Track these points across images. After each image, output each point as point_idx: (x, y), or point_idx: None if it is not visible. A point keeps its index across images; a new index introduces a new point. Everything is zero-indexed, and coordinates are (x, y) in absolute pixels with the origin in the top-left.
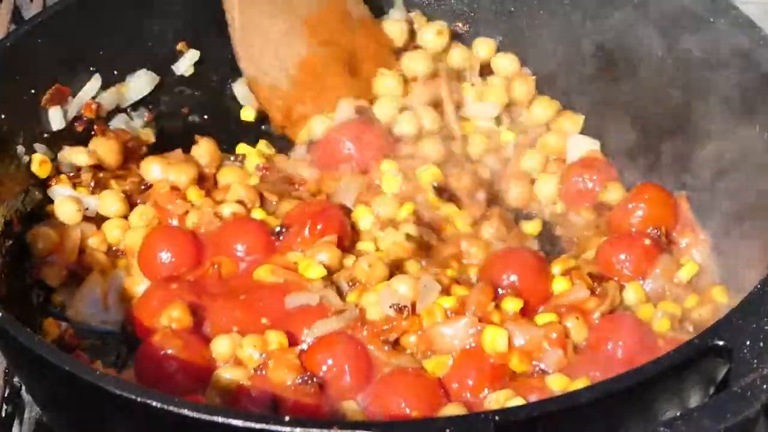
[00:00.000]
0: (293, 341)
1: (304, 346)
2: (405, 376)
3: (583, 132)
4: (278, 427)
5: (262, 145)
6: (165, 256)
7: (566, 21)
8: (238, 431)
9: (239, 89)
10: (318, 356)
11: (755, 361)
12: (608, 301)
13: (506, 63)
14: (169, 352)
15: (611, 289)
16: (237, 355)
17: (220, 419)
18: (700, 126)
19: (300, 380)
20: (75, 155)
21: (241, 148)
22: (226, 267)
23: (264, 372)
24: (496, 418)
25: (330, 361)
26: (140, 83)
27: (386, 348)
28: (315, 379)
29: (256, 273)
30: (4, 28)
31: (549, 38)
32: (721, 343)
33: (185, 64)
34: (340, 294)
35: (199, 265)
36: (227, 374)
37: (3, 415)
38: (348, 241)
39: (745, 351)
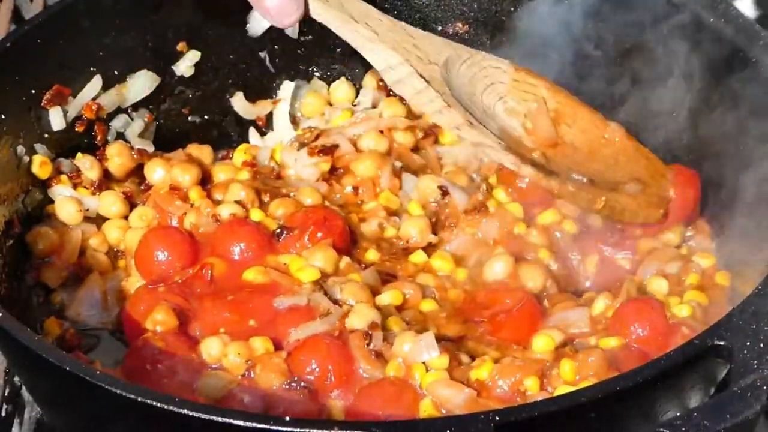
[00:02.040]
0: (281, 344)
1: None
2: (385, 387)
3: None
4: (280, 427)
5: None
6: (161, 257)
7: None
8: (239, 431)
9: (238, 103)
10: (301, 358)
11: (755, 361)
12: (623, 294)
13: None
14: (154, 355)
15: (626, 283)
16: (222, 362)
17: (221, 419)
18: None
19: (287, 386)
20: (88, 171)
21: (243, 148)
22: (218, 269)
23: (252, 375)
24: (497, 418)
25: (313, 363)
26: (141, 84)
27: (371, 357)
28: (302, 384)
29: (245, 274)
30: (4, 28)
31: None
32: (721, 343)
33: (186, 64)
34: (333, 300)
35: (195, 266)
36: (215, 378)
37: (3, 414)
38: (346, 248)
39: (746, 351)
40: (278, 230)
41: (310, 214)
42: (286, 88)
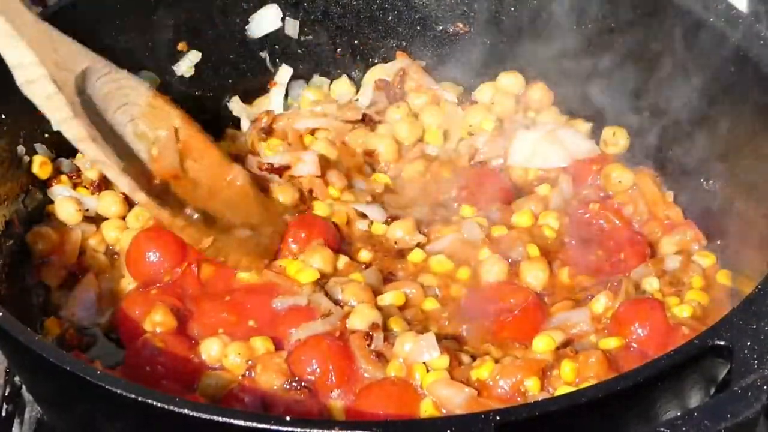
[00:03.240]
0: (281, 344)
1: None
2: (386, 386)
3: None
4: (280, 427)
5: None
6: (152, 258)
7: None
8: (239, 431)
9: (235, 107)
10: (302, 357)
11: (756, 361)
12: (621, 294)
13: (512, 81)
14: (154, 356)
15: (624, 282)
16: (222, 362)
17: (221, 419)
18: None
19: (287, 385)
20: (88, 171)
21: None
22: (206, 271)
23: (252, 375)
24: (497, 418)
25: (314, 363)
26: None
27: (372, 357)
28: (303, 384)
29: (240, 274)
30: None
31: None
32: (721, 343)
33: (186, 65)
34: (334, 300)
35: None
36: (215, 378)
37: (3, 414)
38: (337, 248)
39: (746, 351)
40: None
41: (291, 219)
42: (284, 73)
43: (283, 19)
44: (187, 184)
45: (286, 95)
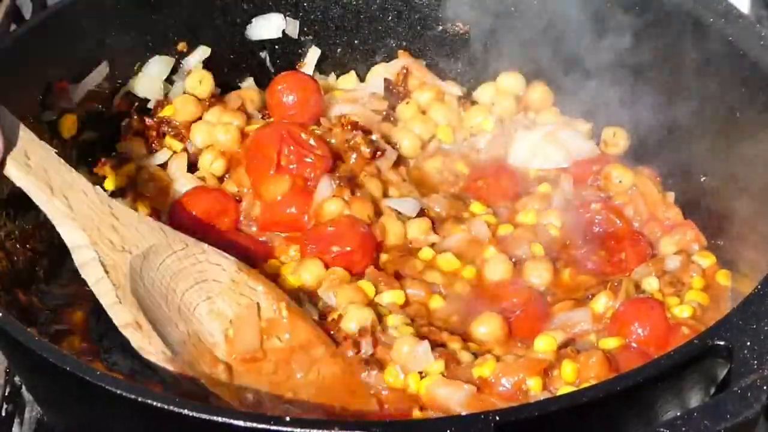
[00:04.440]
0: None
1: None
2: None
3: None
4: (280, 427)
5: None
6: None
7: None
8: (239, 431)
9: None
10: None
11: (756, 361)
12: (622, 294)
13: (512, 81)
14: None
15: (625, 282)
16: None
17: (221, 419)
18: None
19: None
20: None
21: None
22: None
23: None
24: (497, 418)
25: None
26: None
27: (363, 364)
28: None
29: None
30: (4, 28)
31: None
32: (721, 343)
33: (193, 61)
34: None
35: None
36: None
37: (3, 414)
38: (369, 258)
39: (746, 351)
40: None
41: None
42: (313, 53)
43: (284, 29)
44: (265, 367)
45: None
